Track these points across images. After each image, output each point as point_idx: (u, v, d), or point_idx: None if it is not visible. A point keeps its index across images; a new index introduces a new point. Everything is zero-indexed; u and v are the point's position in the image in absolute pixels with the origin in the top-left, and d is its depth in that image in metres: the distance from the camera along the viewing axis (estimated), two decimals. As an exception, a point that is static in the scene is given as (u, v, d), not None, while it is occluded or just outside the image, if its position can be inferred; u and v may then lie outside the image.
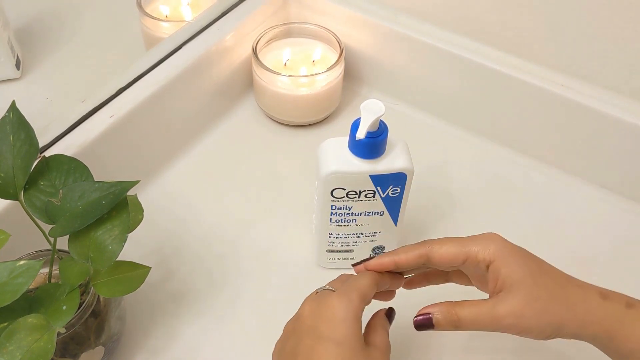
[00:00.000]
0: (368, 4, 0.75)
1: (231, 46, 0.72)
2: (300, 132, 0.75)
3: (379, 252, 0.60)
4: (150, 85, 0.64)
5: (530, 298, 0.43)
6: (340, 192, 0.53)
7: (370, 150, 0.51)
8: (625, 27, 0.62)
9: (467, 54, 0.69)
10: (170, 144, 0.70)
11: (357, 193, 0.53)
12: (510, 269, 0.44)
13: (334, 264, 0.61)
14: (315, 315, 0.44)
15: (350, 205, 0.54)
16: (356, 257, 0.59)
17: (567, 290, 0.44)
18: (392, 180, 0.53)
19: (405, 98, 0.77)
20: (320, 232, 0.58)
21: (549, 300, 0.43)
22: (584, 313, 0.43)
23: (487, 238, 0.45)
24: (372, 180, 0.52)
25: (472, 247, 0.45)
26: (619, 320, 0.43)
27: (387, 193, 0.54)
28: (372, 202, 0.54)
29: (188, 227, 0.64)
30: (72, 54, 0.80)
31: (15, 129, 0.46)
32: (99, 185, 0.45)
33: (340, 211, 0.55)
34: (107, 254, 0.44)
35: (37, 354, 0.40)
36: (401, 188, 0.54)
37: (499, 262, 0.44)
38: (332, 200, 0.54)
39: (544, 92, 0.66)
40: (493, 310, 0.43)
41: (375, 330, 0.46)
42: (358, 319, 0.43)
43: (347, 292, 0.44)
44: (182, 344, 0.56)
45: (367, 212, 0.55)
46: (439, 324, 0.45)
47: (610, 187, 0.69)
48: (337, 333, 0.42)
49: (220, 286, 0.60)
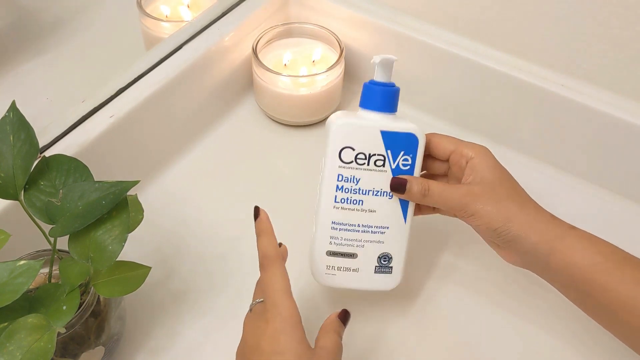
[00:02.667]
0: (368, 4, 0.75)
1: (231, 46, 0.72)
2: (300, 132, 0.75)
3: (385, 266, 0.54)
4: (150, 85, 0.64)
5: (492, 189, 0.50)
6: (349, 154, 0.51)
7: (383, 100, 0.51)
8: (625, 27, 0.62)
9: (467, 54, 0.69)
10: (171, 144, 0.70)
11: (367, 157, 0.51)
12: (485, 166, 0.51)
13: (334, 277, 0.54)
14: (256, 335, 0.45)
15: (359, 176, 0.52)
16: (359, 269, 0.54)
17: (525, 200, 0.51)
18: (404, 143, 0.51)
19: (405, 98, 0.76)
20: (321, 221, 0.53)
21: (507, 197, 0.50)
22: (533, 219, 0.49)
23: (477, 144, 0.53)
24: (383, 139, 0.51)
25: (462, 143, 0.53)
26: (560, 235, 0.49)
27: (398, 163, 0.52)
28: (381, 176, 0.52)
29: (188, 227, 0.64)
30: (72, 54, 0.80)
31: (15, 129, 0.46)
32: (99, 185, 0.45)
33: (347, 184, 0.52)
34: (107, 254, 0.44)
35: (37, 354, 0.40)
36: (412, 158, 0.52)
37: (477, 159, 0.51)
38: (340, 166, 0.51)
39: (544, 92, 0.66)
40: (458, 188, 0.51)
41: (326, 333, 0.46)
42: (295, 325, 0.44)
43: (275, 304, 0.44)
44: (182, 344, 0.56)
45: (375, 190, 0.52)
46: (410, 189, 0.51)
47: (610, 187, 0.69)
48: (279, 345, 0.43)
49: (220, 286, 0.60)
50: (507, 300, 0.60)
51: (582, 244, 0.48)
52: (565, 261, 0.48)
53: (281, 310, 0.44)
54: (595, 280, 0.47)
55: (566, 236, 0.49)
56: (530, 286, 0.59)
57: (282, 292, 0.45)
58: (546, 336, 0.57)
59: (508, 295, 0.60)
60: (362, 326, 0.57)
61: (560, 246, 0.48)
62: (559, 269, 0.48)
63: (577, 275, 0.48)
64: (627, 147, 0.65)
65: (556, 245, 0.48)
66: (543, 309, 0.59)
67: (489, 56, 0.69)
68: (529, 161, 0.71)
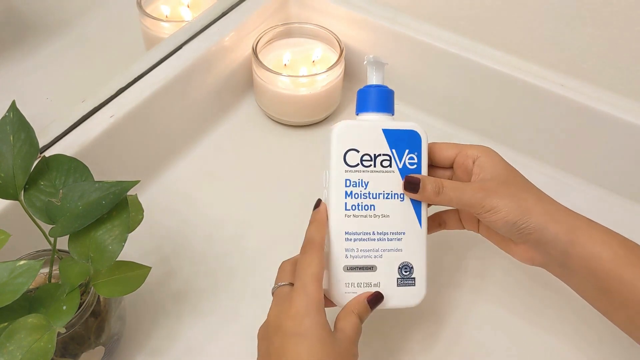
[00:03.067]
0: (368, 4, 0.75)
1: (231, 46, 0.72)
2: (300, 132, 0.75)
3: (407, 278, 0.51)
4: (150, 85, 0.64)
5: (505, 183, 0.49)
6: (354, 157, 0.50)
7: (380, 101, 0.51)
8: (625, 27, 0.62)
9: (466, 53, 0.69)
10: (171, 144, 0.70)
11: (372, 158, 0.50)
12: (494, 163, 0.50)
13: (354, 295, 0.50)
14: (279, 316, 0.45)
15: (367, 180, 0.50)
16: (380, 283, 0.50)
17: (539, 192, 0.50)
18: (407, 141, 0.51)
19: (406, 98, 0.77)
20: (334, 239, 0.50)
21: (523, 190, 0.49)
22: (552, 210, 0.48)
23: (480, 145, 0.52)
24: (385, 137, 0.51)
25: (465, 146, 0.52)
26: (581, 226, 0.47)
27: (405, 162, 0.51)
28: (389, 176, 0.51)
29: (188, 226, 0.64)
30: (72, 54, 0.80)
31: (15, 129, 0.46)
32: (99, 185, 0.45)
33: (357, 190, 0.50)
34: (107, 254, 0.44)
35: (37, 354, 0.40)
36: (417, 157, 0.51)
37: (484, 157, 0.51)
38: (346, 170, 0.50)
39: (544, 92, 0.66)
40: (472, 184, 0.50)
41: (346, 315, 0.47)
42: (320, 310, 0.44)
43: (304, 286, 0.45)
44: (182, 344, 0.56)
45: (386, 193, 0.50)
46: (424, 188, 0.49)
47: (610, 187, 0.69)
48: (301, 327, 0.43)
49: (221, 286, 0.60)
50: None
51: (604, 237, 0.47)
52: (586, 252, 0.46)
53: (309, 292, 0.44)
54: (617, 273, 0.45)
55: (587, 227, 0.47)
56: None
57: (315, 277, 0.45)
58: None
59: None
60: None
61: (581, 237, 0.46)
62: (579, 261, 0.47)
63: (598, 268, 0.46)
64: (627, 147, 0.65)
65: (577, 236, 0.47)
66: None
67: (488, 56, 0.69)
68: (529, 161, 0.71)
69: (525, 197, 0.48)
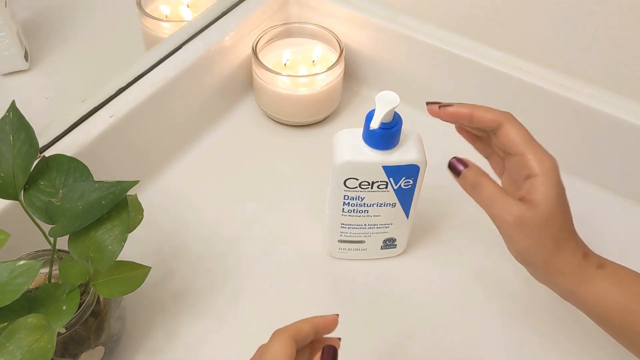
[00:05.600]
0: (368, 4, 0.75)
1: (231, 46, 0.72)
2: (300, 132, 0.75)
3: (390, 245, 0.61)
4: (150, 85, 0.64)
5: (541, 224, 0.45)
6: (353, 182, 0.54)
7: (383, 141, 0.51)
8: (625, 27, 0.62)
9: (467, 53, 0.69)
10: (170, 144, 0.70)
11: (370, 184, 0.54)
12: (547, 193, 0.45)
13: (345, 254, 0.61)
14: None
15: (363, 195, 0.55)
16: (367, 249, 0.61)
17: (566, 237, 0.46)
18: (405, 171, 0.53)
19: (406, 98, 0.76)
20: (332, 221, 0.58)
21: (550, 236, 0.45)
22: (562, 262, 0.46)
23: (547, 155, 0.48)
24: (384, 171, 0.53)
25: (531, 148, 0.48)
26: (584, 279, 0.46)
27: (400, 185, 0.54)
28: (384, 194, 0.55)
29: (188, 226, 0.64)
30: (72, 54, 0.80)
31: (15, 129, 0.46)
32: (99, 185, 0.45)
33: (353, 201, 0.56)
34: (107, 254, 0.44)
35: (37, 354, 0.40)
36: (413, 180, 0.54)
37: (542, 179, 0.46)
38: (345, 190, 0.54)
39: (544, 92, 0.66)
40: (511, 205, 0.45)
41: None
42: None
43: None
44: (182, 344, 0.56)
45: (380, 203, 0.56)
46: (465, 177, 0.47)
47: (610, 187, 0.69)
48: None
49: (221, 286, 0.60)
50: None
51: (607, 288, 0.46)
52: (589, 301, 0.46)
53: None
54: (623, 320, 0.45)
55: (589, 278, 0.46)
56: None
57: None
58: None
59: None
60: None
61: (580, 289, 0.46)
62: (583, 307, 0.47)
63: (602, 315, 0.46)
64: (627, 147, 0.65)
65: (577, 288, 0.46)
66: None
67: (489, 56, 0.69)
68: (529, 161, 0.71)
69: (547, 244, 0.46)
